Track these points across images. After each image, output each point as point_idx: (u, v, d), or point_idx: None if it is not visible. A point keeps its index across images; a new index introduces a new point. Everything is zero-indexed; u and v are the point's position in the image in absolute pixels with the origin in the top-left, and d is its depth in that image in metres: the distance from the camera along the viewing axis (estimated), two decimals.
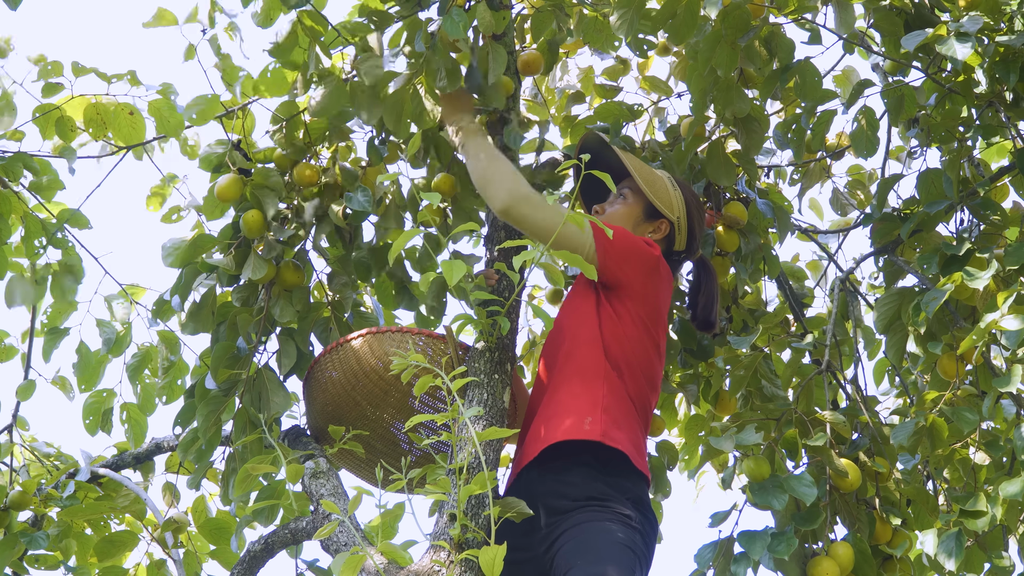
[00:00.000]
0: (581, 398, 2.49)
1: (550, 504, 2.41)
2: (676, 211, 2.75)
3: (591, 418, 2.45)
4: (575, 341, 2.57)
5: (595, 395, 2.49)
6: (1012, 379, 2.59)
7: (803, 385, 3.00)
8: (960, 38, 2.69)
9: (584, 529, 2.33)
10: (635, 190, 2.77)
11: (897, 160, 3.76)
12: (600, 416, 2.45)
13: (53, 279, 3.63)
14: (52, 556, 3.59)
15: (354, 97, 2.90)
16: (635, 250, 2.58)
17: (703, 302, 2.85)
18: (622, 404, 2.51)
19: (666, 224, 2.75)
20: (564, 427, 2.45)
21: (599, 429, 2.43)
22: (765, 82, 3.01)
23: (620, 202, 2.78)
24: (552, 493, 2.42)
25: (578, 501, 2.38)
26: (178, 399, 3.78)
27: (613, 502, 2.38)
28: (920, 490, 2.82)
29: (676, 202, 2.75)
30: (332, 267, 3.12)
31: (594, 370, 2.52)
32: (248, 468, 2.66)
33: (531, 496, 2.41)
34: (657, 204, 2.73)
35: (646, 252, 2.59)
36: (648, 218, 2.75)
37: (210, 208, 3.10)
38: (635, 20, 2.90)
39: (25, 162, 3.52)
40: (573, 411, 2.47)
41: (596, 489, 2.39)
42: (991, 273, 2.68)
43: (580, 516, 2.36)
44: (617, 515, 2.36)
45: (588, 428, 2.44)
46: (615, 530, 2.32)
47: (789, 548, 2.49)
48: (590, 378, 2.51)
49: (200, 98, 3.03)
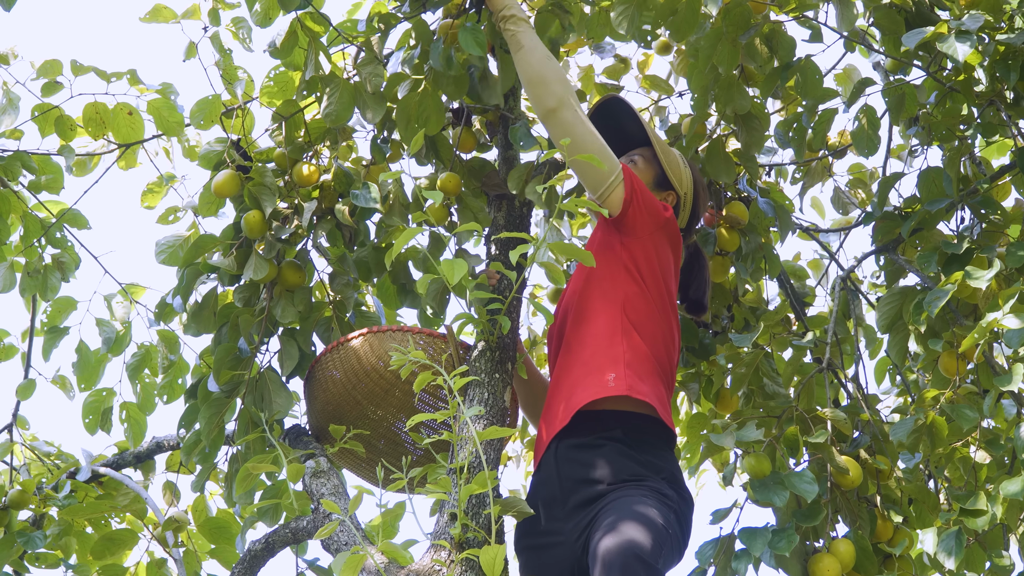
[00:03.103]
0: (601, 356, 2.48)
1: (581, 492, 2.40)
2: (685, 186, 2.76)
3: (614, 374, 2.45)
4: (590, 302, 2.57)
5: (616, 352, 2.48)
6: (1013, 377, 2.59)
7: (804, 383, 3.00)
8: (960, 36, 2.69)
9: (618, 504, 2.31)
10: (647, 158, 2.78)
11: (898, 159, 3.77)
12: (623, 371, 2.45)
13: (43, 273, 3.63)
14: (52, 555, 3.59)
15: (357, 97, 2.91)
16: (653, 202, 2.61)
17: (695, 284, 2.86)
18: (645, 361, 2.50)
19: (673, 196, 2.76)
20: (589, 387, 2.45)
21: (624, 384, 2.43)
22: (766, 80, 3.01)
23: (631, 166, 2.77)
24: (583, 480, 2.40)
25: (612, 484, 2.37)
26: (178, 398, 3.78)
27: (648, 480, 2.38)
28: (921, 488, 2.82)
29: (686, 178, 2.77)
30: (333, 267, 3.11)
31: (612, 328, 2.51)
32: (249, 467, 2.66)
33: (562, 481, 2.42)
34: (669, 174, 2.74)
35: (661, 208, 2.62)
36: (658, 187, 2.76)
37: (206, 204, 3.10)
38: (636, 15, 2.90)
39: (23, 161, 3.52)
40: (594, 369, 2.47)
41: (629, 470, 2.38)
42: (993, 273, 2.68)
43: (614, 495, 2.35)
44: (652, 491, 2.35)
45: (613, 384, 2.43)
46: (650, 504, 2.31)
47: (790, 545, 2.49)
48: (609, 335, 2.51)
49: (203, 101, 3.03)
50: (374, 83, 2.88)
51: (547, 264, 2.45)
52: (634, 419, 2.45)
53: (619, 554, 2.19)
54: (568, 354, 2.56)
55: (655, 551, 2.22)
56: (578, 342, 2.55)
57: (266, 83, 3.09)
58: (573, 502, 2.40)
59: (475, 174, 3.07)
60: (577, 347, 2.55)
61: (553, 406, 2.53)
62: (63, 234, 3.65)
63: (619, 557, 2.19)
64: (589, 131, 2.55)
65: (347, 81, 2.92)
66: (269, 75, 3.09)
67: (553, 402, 2.54)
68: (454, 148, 3.05)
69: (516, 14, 2.66)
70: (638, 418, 2.45)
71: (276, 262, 2.97)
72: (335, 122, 2.92)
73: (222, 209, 3.12)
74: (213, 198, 3.05)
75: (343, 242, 3.08)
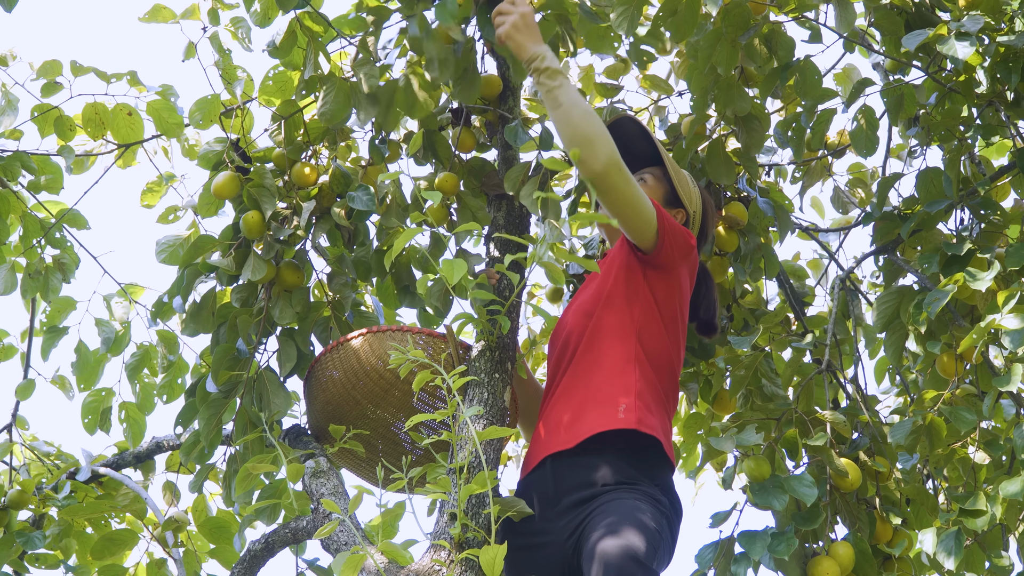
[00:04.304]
0: (614, 384, 2.47)
1: (577, 493, 2.39)
2: (694, 205, 2.75)
3: (625, 404, 2.44)
4: (605, 326, 2.55)
5: (628, 380, 2.47)
6: (1012, 378, 2.59)
7: (803, 384, 3.00)
8: (961, 37, 2.69)
9: (612, 506, 2.32)
10: (657, 176, 2.77)
11: (898, 159, 3.77)
12: (634, 402, 2.44)
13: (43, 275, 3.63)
14: (52, 555, 3.59)
15: (352, 97, 2.90)
16: (682, 235, 2.58)
17: (705, 306, 2.85)
18: (654, 392, 2.50)
19: (683, 214, 2.75)
20: (599, 416, 2.44)
21: (634, 417, 2.42)
22: (765, 80, 3.01)
23: (642, 184, 2.76)
24: (581, 483, 2.40)
25: (607, 485, 2.37)
26: (178, 398, 3.79)
27: (641, 484, 2.38)
28: (920, 489, 2.82)
29: (695, 197, 2.76)
30: (332, 267, 3.11)
31: (625, 356, 2.50)
32: (248, 467, 2.66)
33: (557, 482, 2.41)
34: (680, 192, 2.73)
35: (687, 236, 2.60)
36: (668, 204, 2.75)
37: (206, 205, 3.10)
38: (635, 18, 2.89)
39: (23, 161, 3.52)
40: (606, 397, 2.46)
41: (624, 473, 2.39)
42: (993, 274, 2.68)
43: (608, 496, 2.35)
44: (645, 495, 2.36)
45: (623, 416, 2.42)
46: (643, 508, 2.31)
47: (789, 548, 2.49)
48: (622, 363, 2.49)
49: (202, 100, 3.03)
50: (370, 83, 2.87)
51: (547, 264, 2.45)
52: (635, 437, 2.44)
53: (616, 555, 2.19)
54: (576, 373, 2.54)
55: (650, 553, 2.22)
56: (589, 363, 2.53)
57: (265, 83, 3.09)
58: (567, 502, 2.40)
59: (475, 174, 3.07)
60: (587, 368, 2.53)
61: (552, 419, 2.51)
62: (63, 234, 3.65)
63: (616, 558, 2.19)
64: (636, 193, 2.47)
65: (343, 81, 2.91)
66: (268, 75, 3.09)
67: (552, 414, 2.52)
68: (453, 148, 3.05)
69: (551, 66, 2.48)
70: (641, 438, 2.45)
71: (274, 262, 2.97)
72: (330, 122, 2.91)
73: (222, 209, 3.12)
74: (213, 198, 3.05)
75: (342, 242, 3.08)
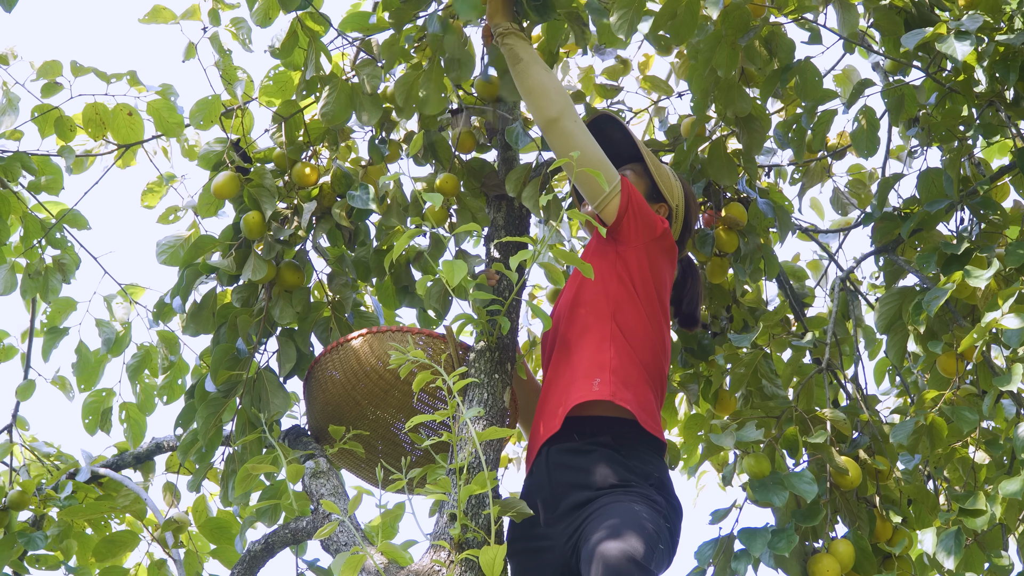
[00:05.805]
0: (591, 362, 2.50)
1: (572, 497, 2.41)
2: (676, 199, 2.78)
3: (599, 379, 2.47)
4: (582, 308, 2.60)
5: (603, 358, 2.50)
6: (1012, 378, 2.59)
7: (803, 384, 3.00)
8: (960, 37, 2.69)
9: (609, 509, 2.33)
10: (638, 172, 2.80)
11: (898, 159, 3.76)
12: (609, 377, 2.47)
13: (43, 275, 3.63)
14: (52, 556, 3.59)
15: (354, 98, 2.91)
16: (649, 214, 2.63)
17: (687, 298, 2.87)
18: (633, 366, 2.52)
19: (665, 208, 2.77)
20: (576, 392, 2.47)
21: (608, 390, 2.45)
22: (766, 82, 3.01)
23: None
24: (574, 485, 2.42)
25: (601, 489, 2.38)
26: (178, 399, 3.78)
27: (636, 487, 2.39)
28: (920, 489, 2.82)
29: (677, 191, 2.79)
30: (332, 267, 3.11)
31: (601, 335, 2.53)
32: (248, 468, 2.66)
33: (552, 482, 2.43)
34: (661, 186, 2.76)
35: (657, 219, 2.65)
36: (650, 199, 2.78)
37: (206, 205, 3.10)
38: (635, 20, 2.90)
39: (23, 162, 3.52)
40: (582, 375, 2.49)
41: (618, 475, 2.40)
42: (992, 272, 2.68)
43: (604, 499, 2.36)
44: (641, 496, 2.37)
45: (597, 389, 2.45)
46: (640, 510, 2.32)
47: (790, 545, 2.49)
48: (598, 341, 2.53)
49: (202, 101, 3.03)
50: (372, 84, 2.88)
51: (547, 265, 2.45)
52: (621, 425, 2.47)
53: (615, 557, 2.20)
54: (559, 360, 2.59)
55: (648, 554, 2.23)
56: (568, 348, 2.58)
57: (266, 83, 3.09)
58: (564, 506, 2.41)
59: (475, 175, 3.07)
60: (567, 353, 2.57)
61: (545, 411, 2.55)
62: (63, 235, 3.65)
63: (615, 560, 2.20)
64: (590, 141, 2.58)
65: (345, 81, 2.92)
66: (269, 75, 3.09)
67: (545, 407, 2.56)
68: (453, 149, 3.05)
69: (512, 30, 2.71)
70: (625, 424, 2.47)
71: (275, 263, 2.98)
72: (331, 122, 2.92)
73: (222, 209, 3.12)
74: (213, 198, 3.05)
75: (343, 242, 3.08)
